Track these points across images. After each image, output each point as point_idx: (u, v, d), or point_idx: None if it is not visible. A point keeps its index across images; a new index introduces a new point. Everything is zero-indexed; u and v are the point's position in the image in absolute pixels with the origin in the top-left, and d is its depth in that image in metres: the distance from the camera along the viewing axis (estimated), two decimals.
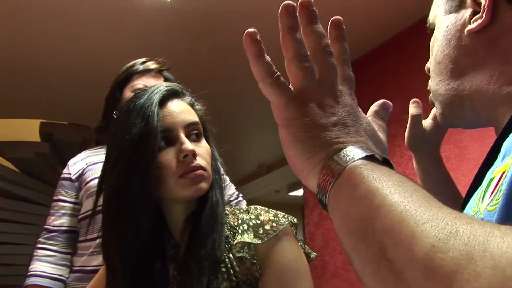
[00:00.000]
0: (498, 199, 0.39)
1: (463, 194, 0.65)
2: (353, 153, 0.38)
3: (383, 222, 0.32)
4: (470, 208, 0.47)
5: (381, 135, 0.47)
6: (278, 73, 0.42)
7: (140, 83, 1.49)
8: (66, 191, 1.52)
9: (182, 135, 0.80)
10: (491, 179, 0.43)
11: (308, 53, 0.43)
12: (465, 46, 0.57)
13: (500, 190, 0.39)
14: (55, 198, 1.53)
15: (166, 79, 1.55)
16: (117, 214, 0.79)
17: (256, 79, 0.42)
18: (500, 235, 0.27)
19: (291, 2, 0.42)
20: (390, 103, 0.52)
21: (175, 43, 2.88)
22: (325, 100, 0.42)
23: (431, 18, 0.66)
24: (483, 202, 0.43)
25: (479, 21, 0.55)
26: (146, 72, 1.51)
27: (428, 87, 0.67)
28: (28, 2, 2.43)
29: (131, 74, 1.50)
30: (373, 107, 0.52)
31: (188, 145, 0.79)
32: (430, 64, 0.66)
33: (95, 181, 1.42)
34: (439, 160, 0.90)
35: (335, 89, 0.43)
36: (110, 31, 2.75)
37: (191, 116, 0.83)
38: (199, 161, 0.79)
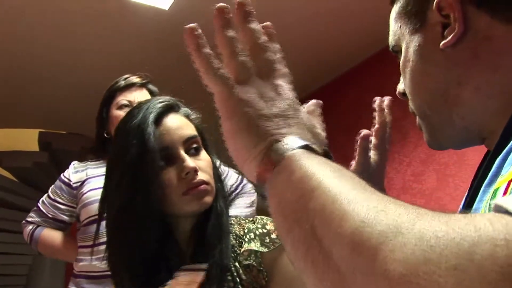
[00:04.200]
0: None
1: (459, 202, 0.64)
2: (292, 142, 0.39)
3: (316, 203, 0.32)
4: None
5: (321, 131, 0.47)
6: (221, 65, 0.43)
7: (123, 99, 1.51)
8: (65, 195, 1.59)
9: (182, 152, 0.80)
10: (496, 190, 0.41)
11: (246, 49, 0.44)
12: (444, 61, 0.54)
13: None
14: (51, 196, 1.60)
15: (150, 92, 1.57)
16: (123, 233, 0.80)
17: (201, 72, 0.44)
18: (431, 214, 0.27)
19: (224, 4, 0.44)
20: (320, 101, 0.52)
21: (173, 52, 2.89)
22: (267, 92, 0.43)
23: (393, 40, 0.63)
24: None
25: (454, 33, 0.52)
26: (129, 87, 1.52)
27: (411, 110, 0.63)
28: (28, 15, 2.44)
29: (114, 91, 1.53)
30: (309, 107, 0.52)
31: (189, 162, 0.78)
32: (406, 86, 0.61)
33: (90, 193, 1.49)
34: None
35: (275, 83, 0.44)
36: (107, 41, 2.76)
37: (189, 129, 0.83)
38: (201, 176, 0.80)
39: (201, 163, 0.82)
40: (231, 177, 1.64)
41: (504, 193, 0.39)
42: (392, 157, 2.86)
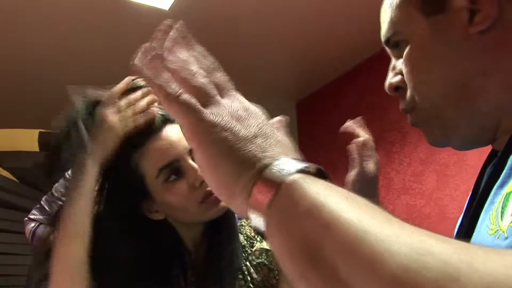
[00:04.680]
0: None
1: (459, 202, 0.63)
2: (287, 166, 0.33)
3: (336, 241, 0.27)
4: (485, 225, 0.43)
5: (295, 148, 0.42)
6: (181, 89, 0.38)
7: None
8: None
9: (191, 162, 0.79)
10: (508, 194, 0.40)
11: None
12: (469, 48, 0.50)
13: None
14: (55, 194, 1.62)
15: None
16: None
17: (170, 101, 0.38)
18: (483, 253, 0.24)
19: (167, 22, 0.41)
20: (287, 117, 0.48)
21: None
22: (237, 111, 0.37)
23: (394, 28, 0.57)
24: (504, 219, 0.39)
25: (486, 18, 0.49)
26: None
27: (402, 107, 0.59)
28: (27, 15, 2.44)
29: None
30: (275, 124, 0.46)
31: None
32: (411, 78, 0.55)
33: None
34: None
35: (241, 100, 0.39)
36: (108, 41, 2.76)
37: None
38: None
39: None
40: None
41: None
42: (392, 157, 2.86)
